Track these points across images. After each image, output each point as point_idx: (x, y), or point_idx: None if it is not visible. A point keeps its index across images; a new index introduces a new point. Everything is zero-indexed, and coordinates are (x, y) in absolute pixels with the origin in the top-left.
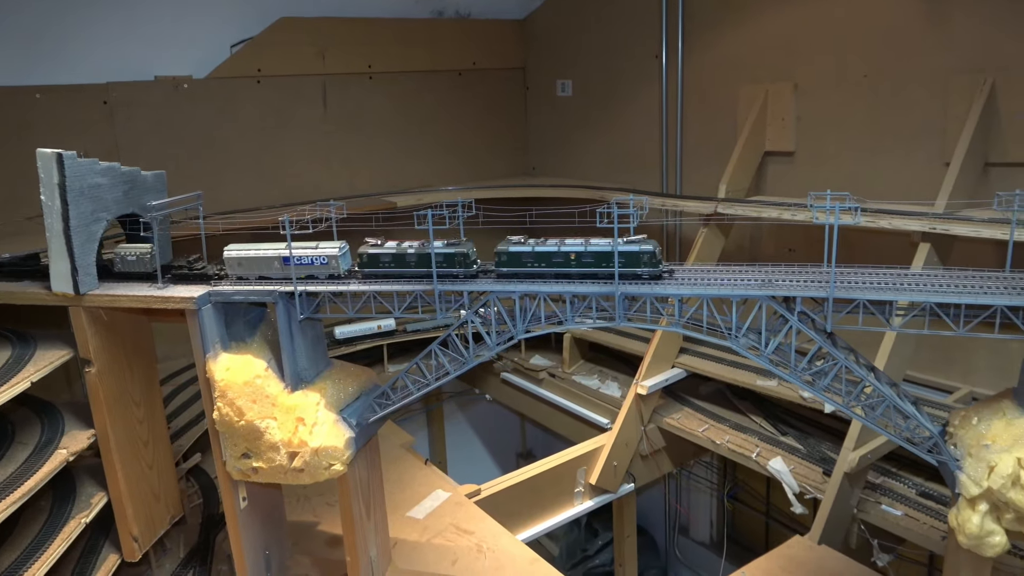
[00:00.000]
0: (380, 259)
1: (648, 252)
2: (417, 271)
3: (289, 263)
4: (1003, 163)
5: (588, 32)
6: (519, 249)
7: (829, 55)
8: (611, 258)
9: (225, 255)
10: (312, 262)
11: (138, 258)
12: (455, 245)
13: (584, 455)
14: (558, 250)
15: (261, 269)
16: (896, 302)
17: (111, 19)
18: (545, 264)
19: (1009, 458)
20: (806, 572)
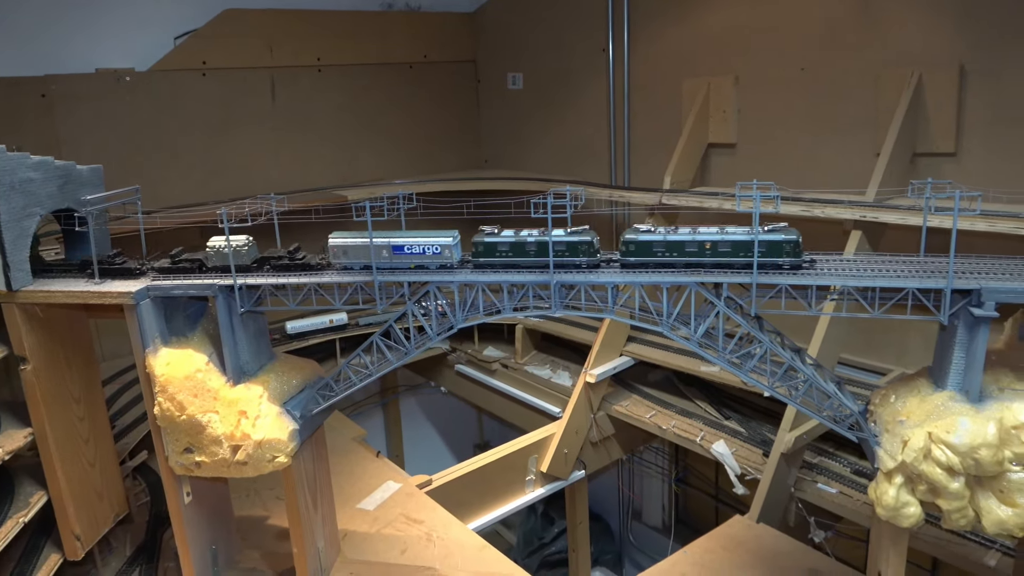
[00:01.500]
0: (497, 248)
1: (792, 241)
2: (537, 260)
3: (399, 252)
4: (929, 153)
5: (537, 25)
6: (649, 238)
7: (768, 50)
8: (749, 247)
9: (329, 243)
10: (424, 251)
11: (235, 251)
12: (578, 233)
13: (535, 443)
14: (692, 239)
15: (367, 257)
16: (815, 287)
17: (49, 9)
18: (677, 253)
19: (921, 432)
20: (745, 550)
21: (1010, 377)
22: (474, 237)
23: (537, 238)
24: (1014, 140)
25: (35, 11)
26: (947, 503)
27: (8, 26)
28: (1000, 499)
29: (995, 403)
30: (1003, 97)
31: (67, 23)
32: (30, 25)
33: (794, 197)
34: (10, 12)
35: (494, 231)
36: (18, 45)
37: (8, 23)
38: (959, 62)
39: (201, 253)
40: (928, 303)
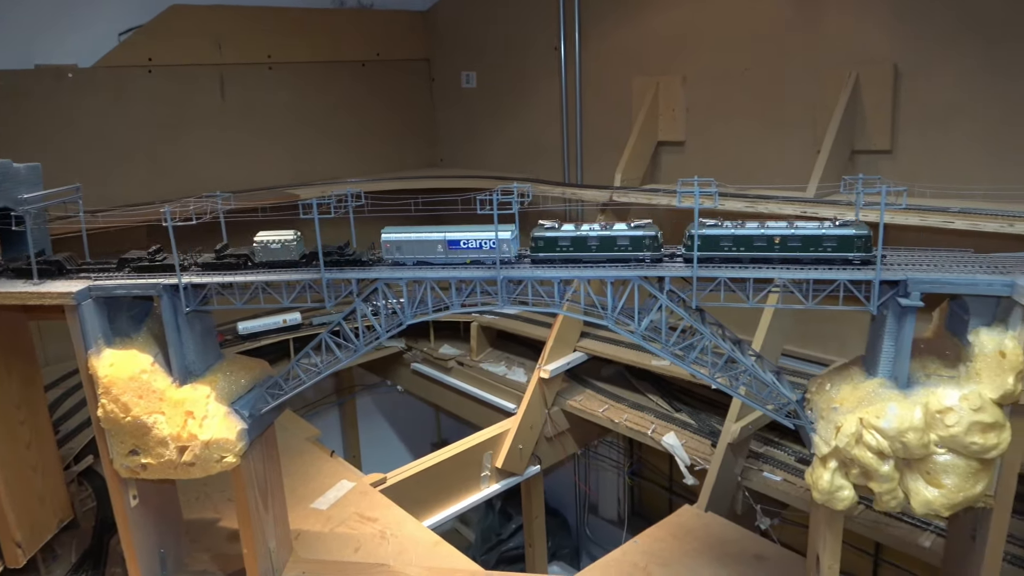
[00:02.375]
0: (558, 242)
1: (863, 236)
2: (599, 255)
3: (455, 247)
4: (867, 150)
5: (490, 24)
6: (717, 232)
7: (713, 50)
8: (819, 242)
9: (383, 238)
10: (480, 246)
11: (283, 246)
12: (642, 228)
13: (490, 439)
14: (761, 233)
15: (422, 253)
16: (752, 280)
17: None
18: (745, 248)
19: (853, 418)
20: (694, 538)
21: (937, 364)
22: (533, 231)
23: (600, 233)
24: (944, 137)
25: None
26: (878, 486)
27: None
28: (927, 480)
29: (922, 389)
30: (934, 96)
31: (4, 18)
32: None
33: (740, 193)
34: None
35: (554, 225)
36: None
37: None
38: (893, 62)
39: (247, 248)
40: (859, 294)
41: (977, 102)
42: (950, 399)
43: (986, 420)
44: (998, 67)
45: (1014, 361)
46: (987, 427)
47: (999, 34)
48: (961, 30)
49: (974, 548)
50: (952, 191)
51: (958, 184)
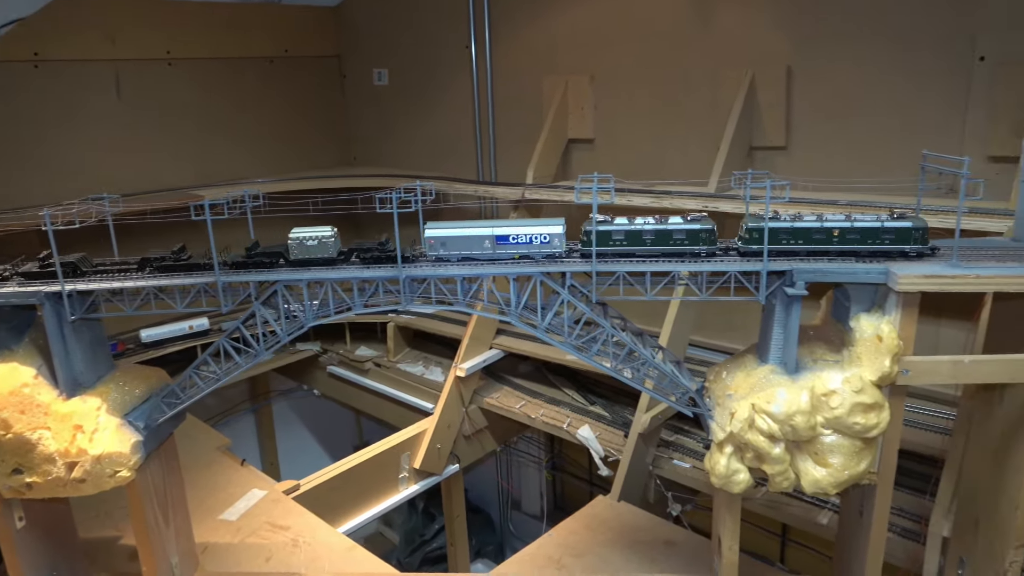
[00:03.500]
0: (612, 236)
1: (921, 228)
2: (653, 249)
3: (503, 242)
4: (764, 147)
5: (401, 21)
6: (775, 225)
7: (618, 49)
8: (878, 234)
9: (426, 234)
10: (530, 241)
11: (319, 242)
12: (698, 221)
13: (407, 440)
14: (820, 226)
15: (467, 248)
16: (649, 273)
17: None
18: (803, 241)
19: (746, 404)
20: (607, 528)
21: (823, 349)
22: (584, 225)
23: (655, 227)
24: (835, 134)
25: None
26: (771, 468)
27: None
28: (815, 461)
29: (809, 374)
30: (824, 95)
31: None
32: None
33: (645, 189)
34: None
35: (607, 219)
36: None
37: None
38: (786, 63)
39: (280, 245)
40: (749, 285)
41: (865, 100)
42: (834, 382)
43: (867, 401)
44: (885, 67)
45: (890, 344)
46: (868, 408)
47: (886, 36)
48: (850, 32)
49: (862, 523)
50: (843, 185)
51: (849, 178)
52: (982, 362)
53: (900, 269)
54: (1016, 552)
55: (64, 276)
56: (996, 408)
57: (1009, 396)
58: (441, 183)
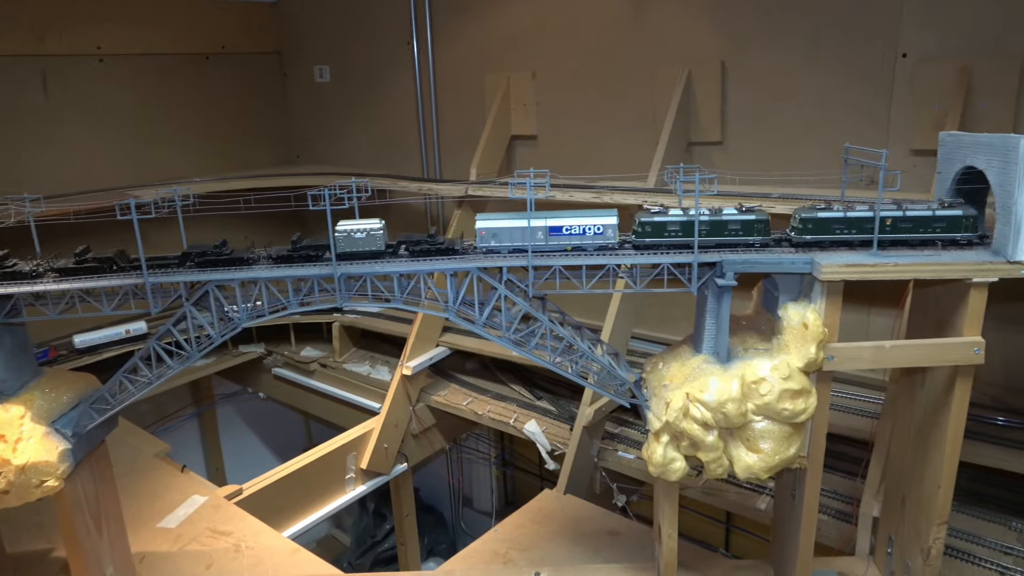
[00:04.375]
0: (667, 227)
1: (972, 216)
2: (708, 240)
3: (556, 233)
4: (701, 142)
5: (342, 17)
6: (827, 215)
7: (559, 47)
8: (930, 223)
9: (477, 225)
10: (584, 232)
11: (368, 235)
12: (753, 212)
13: (353, 441)
14: (872, 215)
15: (521, 240)
16: (585, 266)
17: None
18: (856, 230)
19: (680, 393)
20: (552, 521)
21: (755, 338)
22: (638, 216)
23: (710, 218)
24: (768, 129)
25: None
26: (705, 455)
27: None
28: (747, 447)
29: (740, 362)
30: (757, 91)
31: None
32: None
33: (587, 185)
34: None
35: (662, 209)
36: None
37: None
38: (720, 60)
39: (321, 239)
40: (682, 277)
41: (796, 96)
42: (763, 370)
43: (794, 387)
44: (815, 63)
45: (815, 332)
46: (795, 394)
47: (815, 33)
48: (781, 30)
49: (794, 506)
50: (777, 178)
51: (781, 170)
52: (901, 347)
53: (823, 259)
54: (939, 528)
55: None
56: (918, 391)
57: (929, 379)
58: (384, 180)
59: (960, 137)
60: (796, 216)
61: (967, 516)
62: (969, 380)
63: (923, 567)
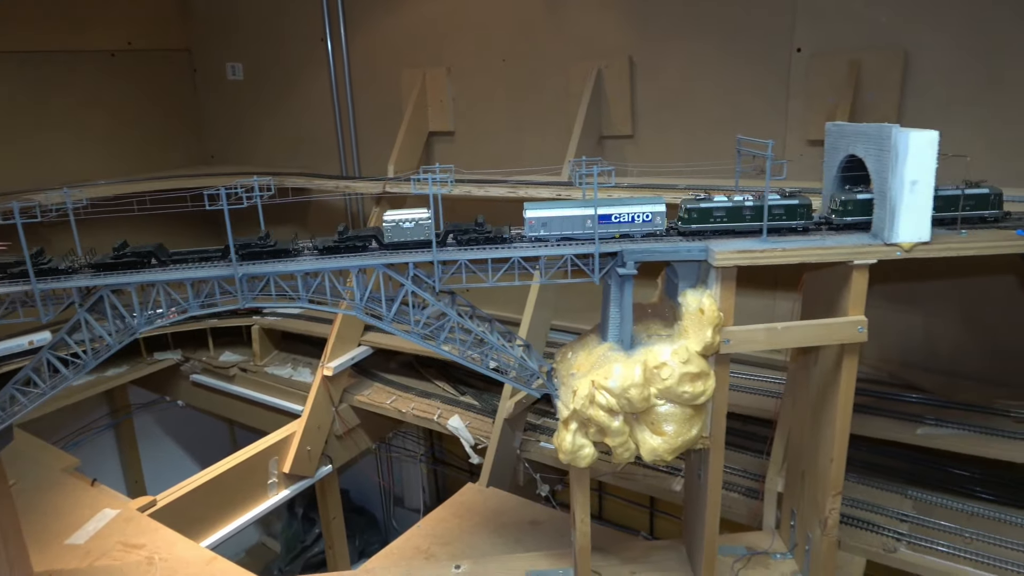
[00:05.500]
0: (712, 213)
1: (997, 194)
2: (753, 224)
3: (606, 221)
4: (613, 136)
5: (255, 13)
6: (865, 196)
7: (474, 43)
8: (957, 201)
9: (527, 215)
10: (632, 220)
11: (417, 225)
12: (796, 196)
13: (275, 445)
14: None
15: (570, 228)
16: (491, 260)
17: None
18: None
19: (586, 381)
20: (474, 514)
21: (658, 325)
22: (684, 202)
23: (756, 203)
24: (675, 122)
25: None
26: (612, 440)
27: None
28: (652, 430)
29: (643, 348)
30: (664, 85)
31: None
32: None
33: (503, 180)
34: None
35: (706, 196)
36: None
37: None
38: (628, 55)
39: (372, 229)
40: (584, 267)
41: (700, 90)
42: (664, 355)
43: (693, 370)
44: (716, 58)
45: (711, 316)
46: (695, 376)
47: (715, 29)
48: (684, 26)
49: (700, 485)
50: (686, 169)
51: (689, 162)
52: (792, 328)
53: (717, 246)
54: (834, 500)
55: None
56: (812, 370)
57: (821, 358)
58: (301, 179)
59: (843, 127)
60: (836, 199)
61: (868, 487)
62: (855, 357)
63: (821, 537)
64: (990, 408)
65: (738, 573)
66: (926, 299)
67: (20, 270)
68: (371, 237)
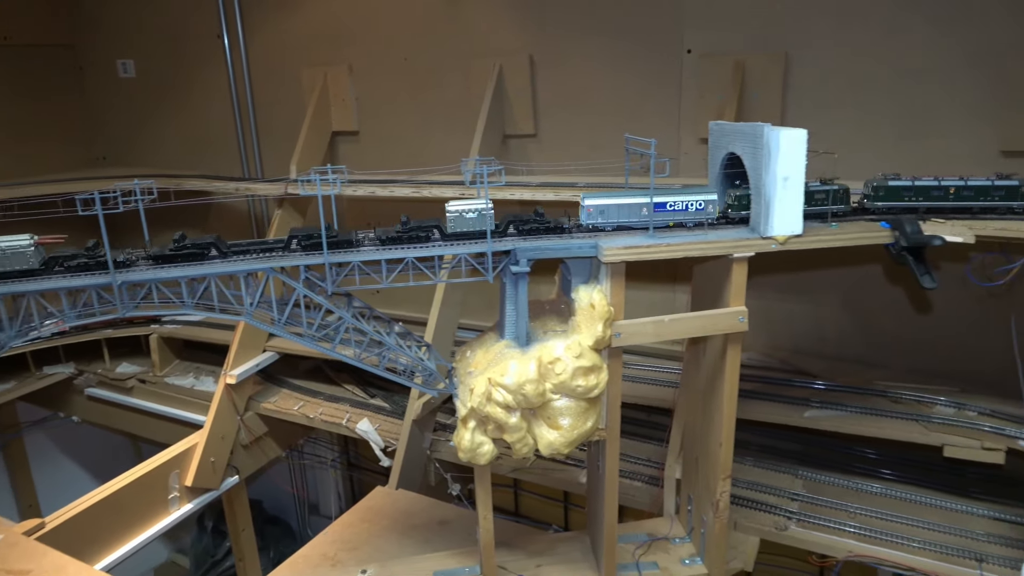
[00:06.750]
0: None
1: (844, 190)
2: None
3: (660, 209)
4: (516, 135)
5: (145, 7)
6: (901, 183)
7: (376, 41)
8: (989, 192)
9: (584, 203)
10: (686, 208)
11: (479, 215)
12: (833, 183)
13: (176, 457)
14: (939, 184)
15: (627, 216)
16: (384, 260)
17: None
18: (924, 198)
19: (483, 379)
20: (383, 517)
21: (555, 321)
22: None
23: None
24: (575, 121)
25: None
26: (510, 436)
27: None
28: (548, 425)
29: (538, 344)
30: (564, 84)
31: None
32: None
33: (407, 180)
34: None
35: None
36: None
37: None
38: (529, 54)
39: (433, 220)
40: (479, 266)
41: (599, 89)
42: (557, 350)
43: (586, 364)
44: (613, 58)
45: (601, 311)
46: (587, 370)
47: (611, 29)
48: (582, 26)
49: (599, 475)
50: (585, 167)
51: (589, 160)
52: (679, 320)
53: (605, 242)
54: (724, 483)
55: None
56: (702, 359)
57: (709, 348)
58: (199, 181)
59: (723, 126)
60: (870, 184)
61: (763, 470)
62: (739, 346)
63: (714, 519)
64: (870, 389)
65: (639, 559)
66: (814, 289)
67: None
68: (433, 227)
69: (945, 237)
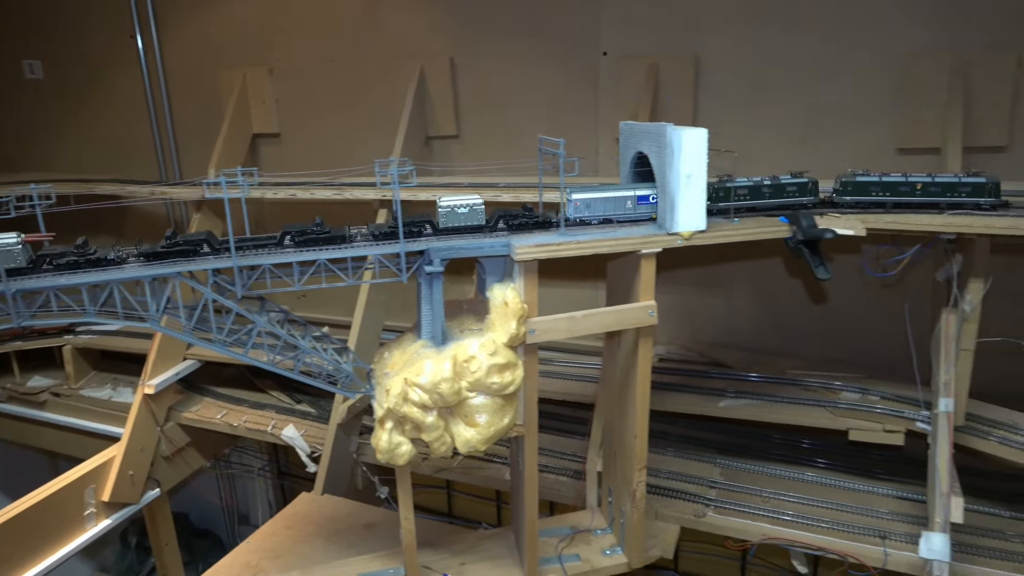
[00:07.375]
0: (736, 191)
1: (993, 183)
2: (771, 201)
3: (643, 201)
4: (439, 136)
5: (52, 6)
6: (870, 179)
7: (297, 41)
8: (956, 188)
9: (572, 197)
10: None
11: (471, 210)
12: (803, 176)
13: (92, 472)
14: (905, 180)
15: (613, 210)
16: (296, 263)
17: None
18: (891, 193)
19: (399, 379)
20: (308, 523)
21: (472, 320)
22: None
23: (772, 181)
24: (496, 122)
25: None
26: (428, 435)
27: None
28: (466, 423)
29: (454, 343)
30: (485, 85)
31: None
32: None
33: (329, 183)
34: None
35: (730, 177)
36: None
37: None
38: (449, 56)
39: (425, 216)
40: (392, 267)
41: (519, 90)
42: (472, 348)
43: (500, 362)
44: (533, 60)
45: (515, 308)
46: (502, 367)
47: (532, 32)
48: (502, 28)
49: (519, 471)
50: (506, 167)
51: (511, 160)
52: (591, 316)
53: (518, 241)
54: (640, 473)
55: None
56: (617, 353)
57: (623, 342)
58: (112, 185)
59: (632, 126)
60: (839, 179)
61: (683, 459)
62: (650, 340)
63: (632, 509)
64: (782, 378)
65: (561, 552)
66: (730, 282)
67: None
68: (426, 222)
69: (837, 230)
